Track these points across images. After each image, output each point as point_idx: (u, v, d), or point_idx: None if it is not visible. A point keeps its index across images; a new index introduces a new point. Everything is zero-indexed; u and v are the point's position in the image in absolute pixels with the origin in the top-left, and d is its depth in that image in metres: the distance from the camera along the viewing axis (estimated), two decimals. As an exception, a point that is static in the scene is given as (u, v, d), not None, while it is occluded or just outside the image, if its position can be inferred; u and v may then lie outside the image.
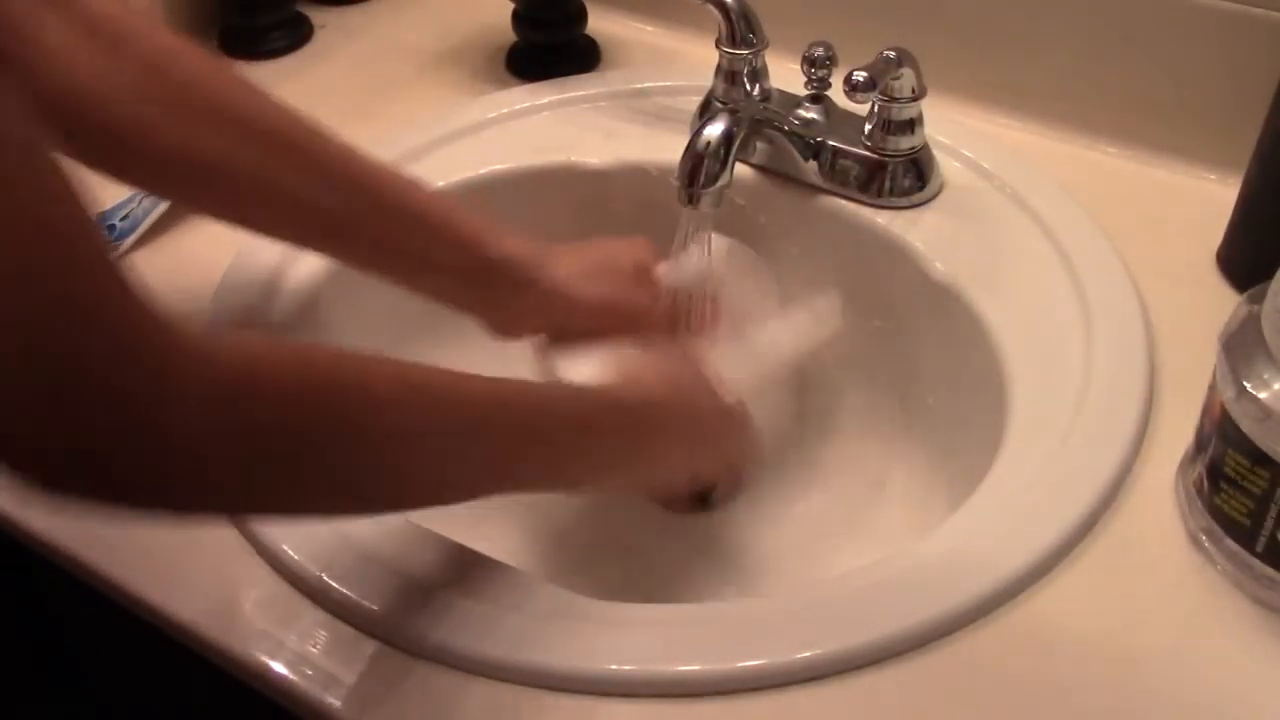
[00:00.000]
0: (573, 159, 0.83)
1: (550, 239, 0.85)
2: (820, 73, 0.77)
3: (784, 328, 0.74)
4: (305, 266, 0.74)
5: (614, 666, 0.52)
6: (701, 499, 0.71)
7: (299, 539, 0.58)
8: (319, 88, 0.91)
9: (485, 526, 0.68)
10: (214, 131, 0.58)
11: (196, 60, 0.59)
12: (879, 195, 0.77)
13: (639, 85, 0.88)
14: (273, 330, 0.70)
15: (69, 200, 0.35)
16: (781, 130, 0.77)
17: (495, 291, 0.66)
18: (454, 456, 0.49)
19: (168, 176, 0.59)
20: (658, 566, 0.74)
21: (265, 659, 0.55)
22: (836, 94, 0.75)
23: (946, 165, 0.79)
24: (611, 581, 0.60)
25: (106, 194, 0.79)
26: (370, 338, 0.78)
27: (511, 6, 0.90)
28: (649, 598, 0.56)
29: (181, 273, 0.74)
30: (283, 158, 0.59)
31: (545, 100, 0.87)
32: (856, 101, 0.72)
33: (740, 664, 0.52)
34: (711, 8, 0.77)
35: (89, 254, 0.36)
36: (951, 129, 0.81)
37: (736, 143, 0.69)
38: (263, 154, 0.59)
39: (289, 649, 0.55)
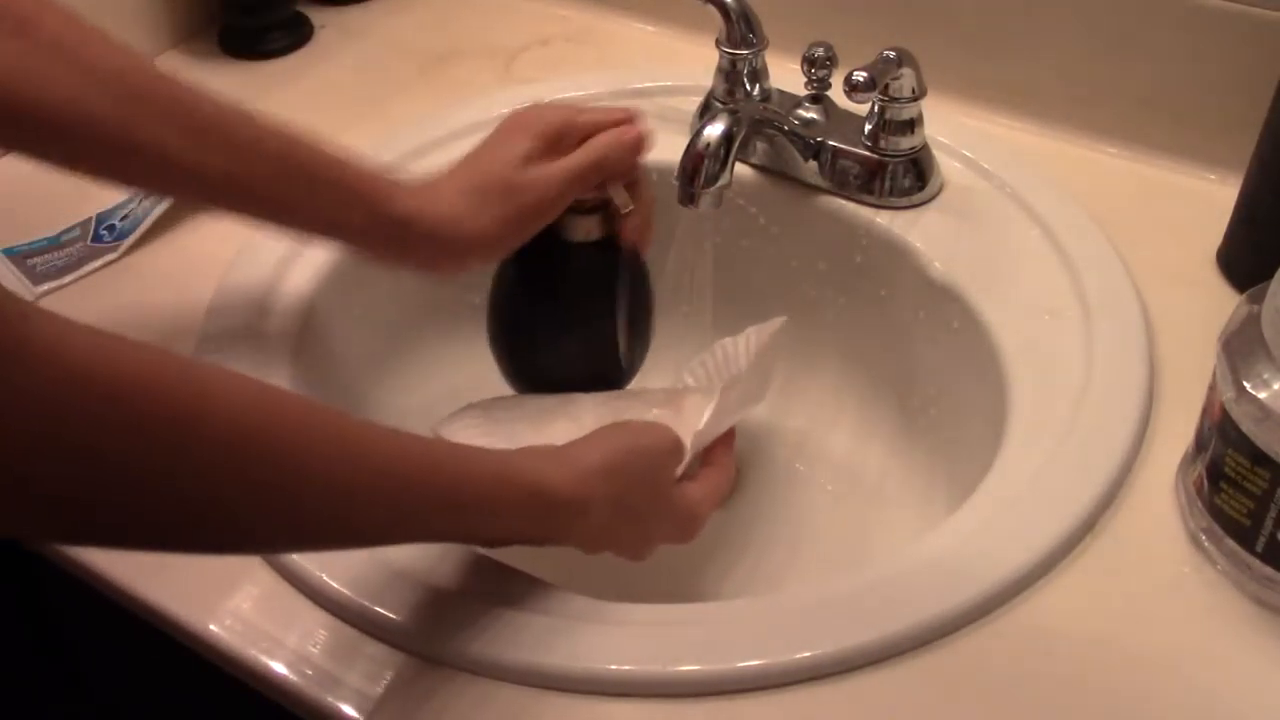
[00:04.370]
0: (573, 159, 0.83)
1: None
2: (820, 73, 0.77)
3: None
4: (306, 266, 0.74)
5: (614, 666, 0.52)
6: None
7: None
8: (319, 88, 0.92)
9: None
10: (112, 101, 0.57)
11: (79, 31, 0.57)
12: (879, 195, 0.77)
13: (639, 85, 0.88)
14: (271, 333, 0.70)
15: None
16: (781, 130, 0.77)
17: (404, 247, 0.63)
18: (323, 510, 0.46)
19: (55, 143, 0.58)
20: (658, 566, 0.74)
21: (265, 659, 0.55)
22: (836, 94, 0.75)
23: (946, 165, 0.79)
24: (611, 581, 0.60)
25: (107, 194, 0.79)
26: (369, 336, 0.79)
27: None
28: (649, 598, 0.56)
29: (182, 272, 0.74)
30: (168, 122, 0.58)
31: (545, 100, 0.87)
32: (856, 101, 0.72)
33: (740, 664, 0.52)
34: (711, 8, 0.77)
35: None
36: (951, 129, 0.81)
37: (736, 143, 0.69)
38: (147, 118, 0.58)
39: (289, 649, 0.55)
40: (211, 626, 0.56)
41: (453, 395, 0.81)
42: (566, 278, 0.69)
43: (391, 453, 0.48)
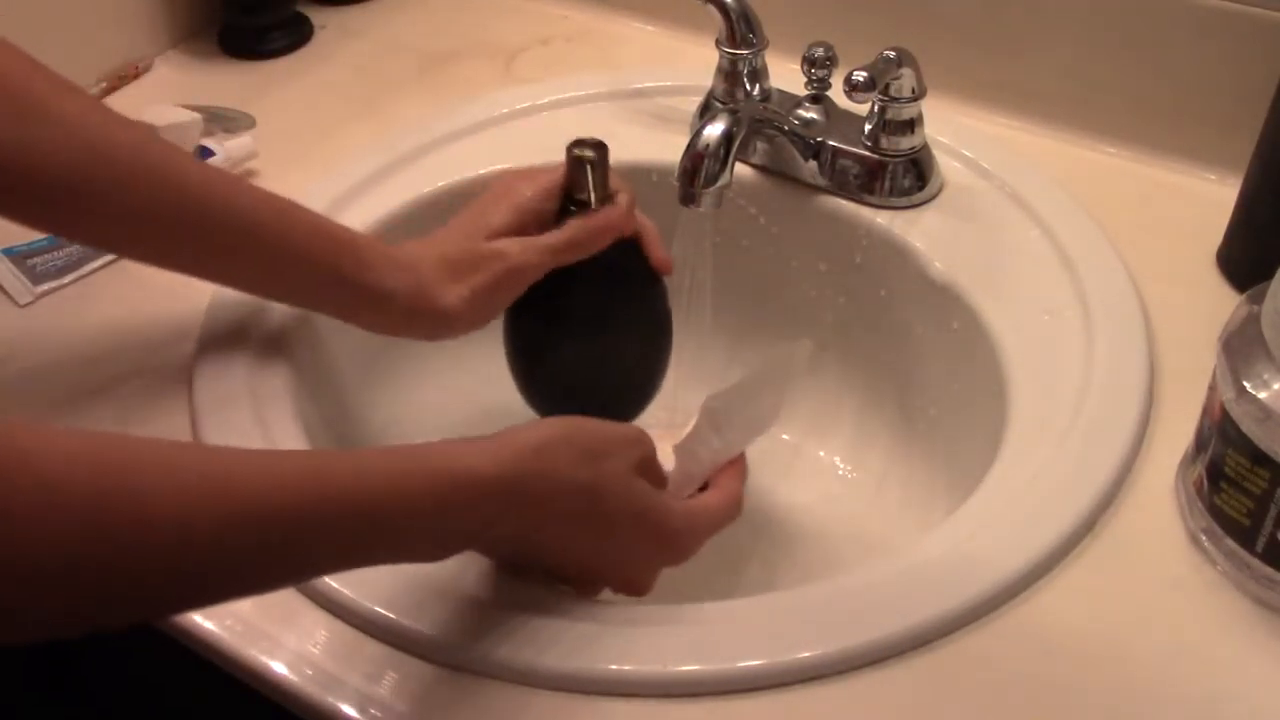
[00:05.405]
0: (573, 159, 0.83)
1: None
2: (820, 73, 0.77)
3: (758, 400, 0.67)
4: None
5: (614, 666, 0.52)
6: None
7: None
8: (319, 88, 0.91)
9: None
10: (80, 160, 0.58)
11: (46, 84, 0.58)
12: (879, 195, 0.77)
13: (639, 85, 0.88)
14: (269, 336, 0.70)
15: None
16: (781, 130, 0.77)
17: (384, 318, 0.64)
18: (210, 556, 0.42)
19: (39, 212, 0.59)
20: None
21: (265, 659, 0.55)
22: (836, 94, 0.75)
23: (946, 165, 0.79)
24: (611, 581, 0.60)
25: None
26: (366, 341, 0.78)
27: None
28: (649, 598, 0.56)
29: (178, 281, 0.74)
30: (156, 197, 0.59)
31: (545, 100, 0.87)
32: (856, 101, 0.72)
33: (740, 664, 0.52)
34: (711, 8, 0.77)
35: None
36: (951, 129, 0.81)
37: (736, 143, 0.69)
38: (135, 192, 0.59)
39: (289, 649, 0.55)
40: (211, 626, 0.56)
41: (446, 403, 0.81)
42: (568, 297, 0.67)
43: (264, 477, 0.43)
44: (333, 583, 0.56)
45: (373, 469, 0.46)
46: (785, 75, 0.81)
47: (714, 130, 0.69)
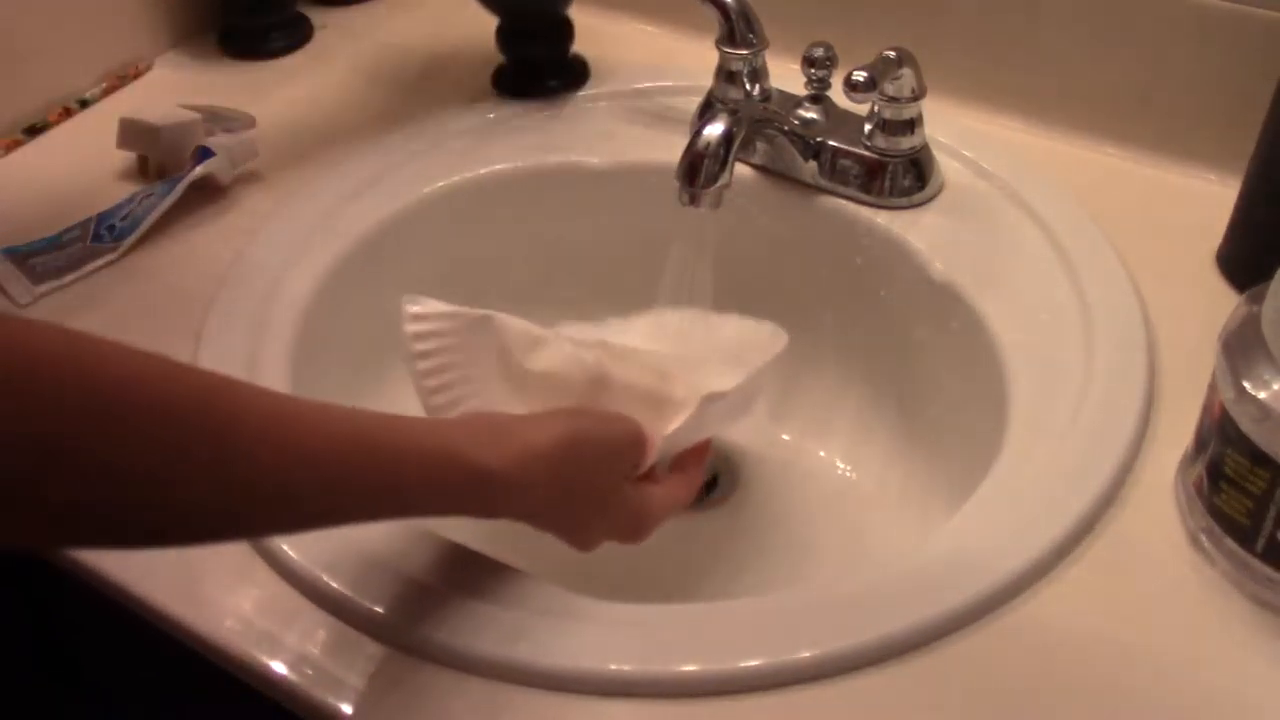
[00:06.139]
0: (573, 159, 0.83)
1: (551, 239, 0.85)
2: (820, 73, 0.77)
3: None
4: (306, 268, 0.74)
5: (614, 666, 0.52)
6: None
7: (299, 539, 0.58)
8: (319, 88, 0.91)
9: (484, 526, 0.68)
10: None
11: None
12: (879, 195, 0.77)
13: (639, 85, 0.88)
14: (271, 333, 0.70)
15: None
16: (781, 130, 0.77)
17: None
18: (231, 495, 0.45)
19: None
20: (658, 566, 0.74)
21: (265, 659, 0.55)
22: (836, 94, 0.75)
23: (946, 165, 0.79)
24: (612, 581, 0.60)
25: (107, 194, 0.79)
26: (368, 346, 0.79)
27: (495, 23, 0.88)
28: (649, 598, 0.56)
29: (182, 272, 0.74)
30: None
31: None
32: (856, 101, 0.73)
33: (740, 664, 0.52)
34: (711, 8, 0.77)
35: None
36: (951, 129, 0.81)
37: (736, 143, 0.69)
38: None
39: (289, 649, 0.55)
40: (211, 626, 0.56)
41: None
42: None
43: (328, 431, 0.47)
44: (333, 582, 0.56)
45: (416, 452, 0.49)
46: (785, 75, 0.81)
47: (714, 130, 0.69)
